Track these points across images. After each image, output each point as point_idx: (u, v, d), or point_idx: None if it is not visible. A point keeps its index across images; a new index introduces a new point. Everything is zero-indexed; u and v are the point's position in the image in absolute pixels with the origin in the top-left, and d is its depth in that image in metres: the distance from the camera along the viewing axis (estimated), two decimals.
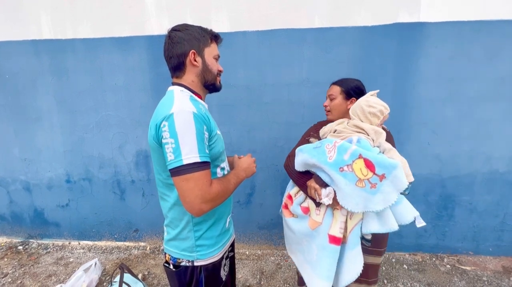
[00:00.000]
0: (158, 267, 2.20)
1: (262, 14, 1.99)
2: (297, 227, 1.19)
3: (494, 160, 2.06)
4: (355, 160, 0.97)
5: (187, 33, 0.92)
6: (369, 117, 1.14)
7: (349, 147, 1.00)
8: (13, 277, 2.13)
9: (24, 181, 2.48)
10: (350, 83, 1.32)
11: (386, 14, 1.91)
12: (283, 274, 2.10)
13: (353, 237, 1.08)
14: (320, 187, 1.06)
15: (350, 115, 1.21)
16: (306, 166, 1.13)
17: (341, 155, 0.99)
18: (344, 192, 0.98)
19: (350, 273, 1.07)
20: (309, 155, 1.09)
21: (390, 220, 1.01)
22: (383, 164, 0.94)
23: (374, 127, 1.13)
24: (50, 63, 2.23)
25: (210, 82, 0.98)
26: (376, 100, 1.16)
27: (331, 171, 1.01)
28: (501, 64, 1.92)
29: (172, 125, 0.78)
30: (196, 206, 0.80)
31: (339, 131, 1.19)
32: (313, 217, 1.14)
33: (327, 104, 1.34)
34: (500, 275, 2.03)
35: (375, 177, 0.94)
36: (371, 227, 1.03)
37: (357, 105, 1.18)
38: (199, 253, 0.93)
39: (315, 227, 1.13)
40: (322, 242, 1.10)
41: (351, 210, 0.98)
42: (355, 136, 1.08)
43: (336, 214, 1.11)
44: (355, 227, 1.08)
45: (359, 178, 0.96)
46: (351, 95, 1.30)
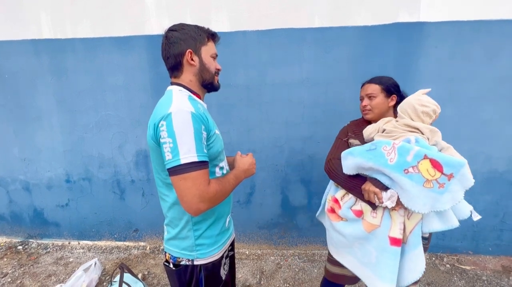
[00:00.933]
0: (158, 267, 2.20)
1: (262, 14, 1.99)
2: (348, 231, 1.16)
3: (493, 160, 2.06)
4: (420, 161, 0.94)
5: (183, 32, 0.92)
6: (422, 116, 1.11)
7: (411, 148, 0.97)
8: (12, 277, 2.13)
9: (23, 181, 2.48)
10: (388, 80, 1.30)
11: (386, 13, 1.91)
12: (283, 274, 2.10)
13: (414, 237, 1.05)
14: (380, 190, 1.02)
15: (398, 114, 1.18)
16: (359, 169, 1.10)
17: (403, 157, 0.96)
18: (411, 194, 0.95)
19: (413, 272, 1.05)
20: (363, 159, 1.05)
21: (451, 217, 1.02)
22: (451, 163, 0.92)
23: (428, 125, 1.10)
24: (50, 63, 2.22)
25: (208, 81, 0.98)
26: (428, 99, 1.13)
27: (393, 173, 0.98)
28: (500, 64, 1.92)
29: (170, 125, 0.78)
30: (193, 205, 0.81)
31: (388, 130, 1.15)
32: (369, 220, 1.10)
33: (367, 103, 1.29)
34: (499, 275, 2.03)
35: (443, 177, 0.92)
36: (433, 226, 1.03)
37: (407, 104, 1.14)
38: (199, 252, 0.93)
39: (371, 230, 1.10)
40: (382, 244, 1.07)
41: (418, 211, 0.95)
42: (412, 136, 1.05)
43: (394, 216, 1.08)
44: (415, 227, 1.05)
45: (427, 179, 0.93)
46: (391, 92, 1.28)
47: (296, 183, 2.26)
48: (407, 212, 1.06)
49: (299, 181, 2.24)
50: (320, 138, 2.14)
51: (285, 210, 2.32)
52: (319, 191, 2.24)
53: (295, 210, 2.30)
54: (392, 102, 1.28)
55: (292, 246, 2.37)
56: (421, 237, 1.06)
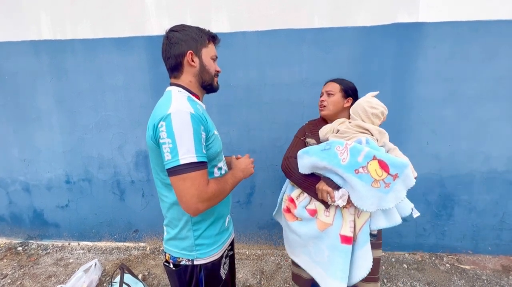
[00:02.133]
0: (158, 268, 2.20)
1: (262, 14, 1.99)
2: (303, 230, 1.19)
3: (492, 160, 2.07)
4: (370, 162, 0.99)
5: (184, 33, 0.92)
6: (371, 117, 1.17)
7: (362, 149, 1.01)
8: (12, 278, 2.12)
9: (23, 181, 2.48)
10: (348, 83, 1.36)
11: (385, 14, 1.92)
12: (283, 274, 2.10)
13: (362, 234, 1.11)
14: (333, 189, 1.07)
15: (351, 115, 1.23)
16: (314, 169, 1.13)
17: (354, 157, 1.01)
18: (360, 194, 1.00)
19: (361, 269, 1.10)
20: (318, 158, 1.08)
21: (395, 215, 1.09)
22: (396, 164, 0.97)
23: (378, 127, 1.16)
24: (50, 64, 2.23)
25: (208, 83, 0.98)
26: (377, 101, 1.19)
27: (345, 173, 1.02)
28: (499, 64, 1.93)
29: (169, 125, 0.79)
30: (192, 205, 0.81)
31: (342, 131, 1.20)
32: (322, 218, 1.15)
33: (325, 99, 1.35)
34: (499, 274, 2.04)
35: (389, 177, 0.97)
36: (379, 223, 1.09)
37: (358, 106, 1.20)
38: (198, 252, 0.94)
39: (324, 228, 1.14)
40: (334, 242, 1.11)
41: (367, 209, 1.00)
42: (363, 137, 1.10)
43: (344, 214, 1.12)
44: (364, 225, 1.10)
45: (375, 179, 0.98)
46: (349, 94, 1.33)
47: None
48: (357, 210, 1.11)
49: None
50: None
51: None
52: None
53: None
54: (348, 104, 1.33)
55: None
56: (369, 234, 1.11)
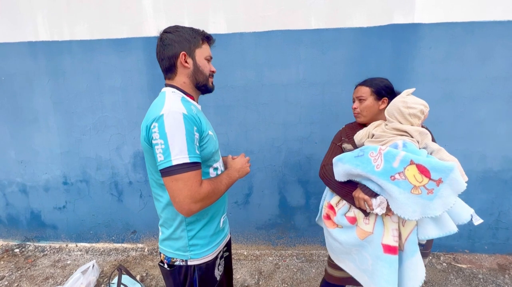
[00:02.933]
0: (156, 269, 2.20)
1: (259, 16, 2.00)
2: (344, 238, 1.14)
3: (488, 159, 2.09)
4: (407, 167, 0.91)
5: (177, 35, 0.93)
6: (409, 118, 1.08)
7: (397, 153, 0.94)
8: (9, 280, 2.11)
9: (20, 183, 2.47)
10: (379, 82, 1.27)
11: (381, 15, 1.94)
12: (281, 274, 2.10)
13: (410, 244, 1.02)
14: (370, 197, 1.01)
15: (386, 118, 1.15)
16: (349, 176, 1.08)
17: (389, 163, 0.94)
18: (399, 201, 0.92)
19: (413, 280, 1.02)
20: (351, 165, 1.03)
21: (448, 223, 0.97)
22: (438, 168, 0.88)
23: (417, 128, 1.07)
24: (47, 65, 2.22)
25: (202, 83, 0.98)
26: (414, 100, 1.09)
27: (380, 180, 0.96)
28: (494, 65, 1.95)
29: (162, 126, 0.79)
30: (185, 206, 0.81)
31: (377, 135, 1.12)
32: (362, 226, 1.08)
33: (357, 106, 1.28)
34: (495, 273, 2.05)
35: (431, 182, 0.89)
36: (429, 232, 0.98)
37: (393, 107, 1.11)
38: (192, 253, 0.94)
39: (364, 237, 1.07)
40: (376, 252, 1.05)
41: (409, 218, 0.92)
42: (400, 140, 1.02)
43: (386, 222, 1.05)
44: (410, 234, 1.02)
45: (414, 185, 0.90)
46: (382, 94, 1.25)
47: (293, 184, 2.27)
48: (401, 219, 1.02)
49: (297, 182, 2.26)
50: (317, 138, 2.16)
51: (283, 210, 2.32)
52: (316, 191, 2.25)
53: (293, 211, 2.31)
54: (383, 105, 1.26)
55: (290, 246, 2.38)
56: (417, 244, 1.02)
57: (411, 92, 1.13)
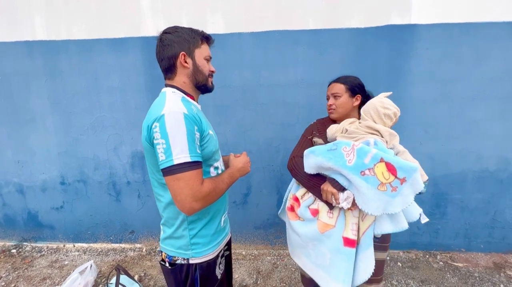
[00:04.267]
0: (155, 269, 2.19)
1: (257, 16, 2.01)
2: (303, 231, 1.17)
3: (484, 159, 2.11)
4: (377, 164, 0.96)
5: (177, 35, 0.93)
6: (384, 118, 1.14)
7: (369, 150, 0.98)
8: (6, 280, 2.10)
9: (17, 183, 2.46)
10: (353, 80, 1.31)
11: (379, 16, 1.95)
12: (279, 274, 2.11)
13: (366, 238, 1.08)
14: (338, 191, 1.04)
15: (361, 115, 1.20)
16: (319, 169, 1.11)
17: (361, 159, 0.98)
18: (365, 196, 0.97)
19: (363, 273, 1.07)
20: (324, 158, 1.06)
21: (402, 220, 1.05)
22: (404, 167, 0.94)
23: (388, 129, 1.13)
24: (44, 65, 2.21)
25: (202, 83, 0.99)
26: (390, 102, 1.16)
27: (351, 175, 0.99)
28: (490, 65, 1.97)
29: (163, 126, 0.80)
30: (187, 205, 0.82)
31: (350, 131, 1.16)
32: (324, 220, 1.12)
33: (333, 103, 1.30)
34: (491, 271, 2.07)
35: (396, 180, 0.94)
36: (385, 228, 1.05)
37: (370, 106, 1.16)
38: (194, 251, 0.94)
39: (325, 230, 1.11)
40: (336, 245, 1.09)
41: (372, 213, 0.97)
42: (371, 138, 1.07)
43: (347, 216, 1.09)
44: (368, 229, 1.07)
45: (381, 182, 0.95)
46: (356, 92, 1.29)
47: None
48: (361, 213, 1.08)
49: None
50: None
51: None
52: None
53: None
54: (357, 102, 1.30)
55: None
56: (372, 238, 1.08)
57: (388, 95, 1.20)
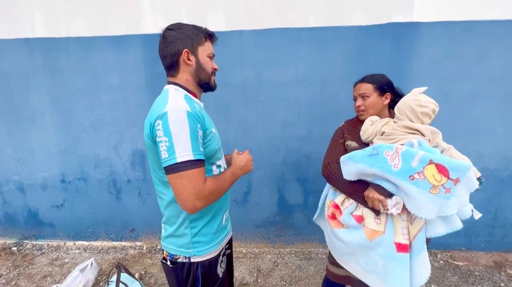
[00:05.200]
0: (155, 267, 2.20)
1: (258, 13, 2.00)
2: (350, 238, 1.10)
3: (485, 158, 2.10)
4: (426, 166, 0.90)
5: (180, 32, 0.93)
6: (421, 117, 1.07)
7: (416, 152, 0.93)
8: (7, 278, 2.10)
9: (17, 181, 2.45)
10: (380, 78, 1.26)
11: (381, 14, 1.94)
12: (279, 272, 2.11)
13: (418, 242, 1.02)
14: (385, 197, 0.99)
15: (396, 115, 1.14)
16: (361, 175, 1.05)
17: (408, 163, 0.92)
18: (417, 201, 0.92)
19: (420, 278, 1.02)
20: (365, 165, 1.00)
21: (455, 220, 0.99)
22: (457, 167, 0.89)
23: (429, 126, 1.07)
24: (44, 62, 2.20)
25: (205, 81, 0.98)
26: (427, 99, 1.08)
27: (398, 180, 0.94)
28: (492, 64, 1.96)
29: (166, 124, 0.79)
30: (190, 203, 0.81)
31: (388, 133, 1.10)
32: (372, 226, 1.06)
33: (361, 104, 1.25)
34: (491, 270, 2.07)
35: (450, 181, 0.89)
36: (438, 230, 1.00)
37: (405, 105, 1.10)
38: (195, 250, 0.94)
39: (374, 237, 1.05)
40: (389, 251, 1.03)
41: (426, 217, 0.93)
42: (415, 139, 1.01)
43: (396, 221, 1.04)
44: (419, 232, 1.02)
45: (433, 185, 0.90)
46: (385, 90, 1.24)
47: (292, 182, 2.27)
48: (410, 216, 1.02)
49: (296, 180, 2.26)
50: (316, 137, 2.16)
51: (282, 208, 2.33)
52: (315, 189, 2.25)
53: (292, 209, 2.32)
54: (387, 101, 1.25)
55: (288, 244, 2.39)
56: (425, 241, 1.02)
57: (423, 90, 1.11)
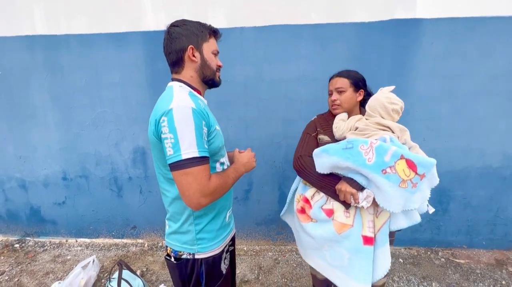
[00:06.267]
0: (157, 264, 2.21)
1: (259, 10, 1.98)
2: (319, 232, 1.13)
3: (487, 156, 2.10)
4: (397, 161, 0.94)
5: (185, 28, 0.92)
6: (392, 114, 1.11)
7: (389, 148, 0.96)
8: (10, 275, 2.12)
9: (19, 178, 2.46)
10: (356, 74, 1.27)
11: (383, 10, 1.92)
12: (280, 269, 2.12)
13: (382, 235, 1.07)
14: (357, 191, 1.01)
15: (367, 112, 1.16)
16: (334, 168, 1.07)
17: (381, 157, 0.95)
18: (387, 194, 0.96)
19: (380, 270, 1.08)
20: (340, 158, 1.02)
21: (415, 214, 1.06)
22: (424, 163, 0.93)
23: (398, 124, 1.11)
24: (45, 59, 2.20)
25: (209, 78, 0.98)
26: (396, 97, 1.13)
27: (371, 173, 0.96)
28: (495, 61, 1.94)
29: (171, 120, 0.79)
30: (195, 200, 0.82)
31: (361, 129, 1.13)
32: (341, 220, 1.08)
33: (337, 98, 1.26)
34: (493, 268, 2.07)
35: (417, 177, 0.94)
36: (400, 223, 1.06)
37: (376, 102, 1.13)
38: (199, 246, 0.94)
39: (342, 230, 1.08)
40: (356, 244, 1.07)
41: (393, 211, 0.97)
42: (387, 135, 1.04)
43: (363, 214, 1.08)
44: (383, 225, 1.07)
45: (403, 179, 0.94)
46: (359, 86, 1.26)
47: (293, 180, 2.25)
48: (376, 210, 1.07)
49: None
50: None
51: (283, 206, 2.30)
52: None
53: None
54: (360, 97, 1.27)
55: (289, 242, 2.39)
56: (388, 235, 1.07)
57: (391, 89, 1.16)
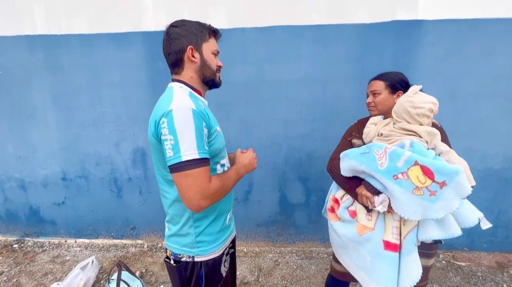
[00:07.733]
0: (156, 265, 2.19)
1: (260, 11, 1.98)
2: (343, 232, 1.15)
3: (489, 157, 2.09)
4: (411, 167, 0.91)
5: (184, 28, 0.91)
6: (418, 118, 1.04)
7: (402, 153, 0.93)
8: (8, 275, 2.11)
9: (19, 178, 2.45)
10: (394, 76, 1.26)
11: (384, 11, 1.91)
12: (280, 271, 2.11)
13: (407, 243, 1.02)
14: (373, 195, 1.01)
15: (394, 118, 1.12)
16: (354, 172, 1.09)
17: (393, 162, 0.93)
18: (400, 201, 0.93)
19: (407, 279, 1.01)
20: (357, 162, 1.03)
21: (451, 225, 0.95)
22: (443, 170, 0.87)
23: (427, 128, 1.04)
24: (45, 59, 2.19)
25: (209, 78, 0.97)
26: (422, 98, 1.04)
27: (383, 179, 0.95)
28: (497, 62, 1.94)
29: (171, 122, 0.78)
30: (195, 202, 0.81)
31: (386, 134, 1.11)
32: (363, 222, 1.09)
33: (371, 101, 1.26)
34: (494, 271, 2.06)
35: (434, 184, 0.88)
36: (431, 233, 0.97)
37: (400, 108, 1.07)
38: (199, 249, 0.93)
39: (363, 232, 1.08)
40: (376, 248, 1.05)
41: (409, 218, 0.92)
42: (407, 140, 1.00)
43: (387, 219, 1.06)
44: (409, 233, 1.02)
45: (416, 186, 0.90)
46: (397, 88, 1.24)
47: (294, 181, 2.26)
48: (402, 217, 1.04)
49: (297, 179, 2.25)
50: (318, 135, 2.14)
51: (283, 207, 2.32)
52: (317, 188, 2.24)
53: (293, 208, 2.31)
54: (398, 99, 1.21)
55: (290, 243, 2.38)
56: (415, 244, 1.02)
57: (418, 89, 1.07)
